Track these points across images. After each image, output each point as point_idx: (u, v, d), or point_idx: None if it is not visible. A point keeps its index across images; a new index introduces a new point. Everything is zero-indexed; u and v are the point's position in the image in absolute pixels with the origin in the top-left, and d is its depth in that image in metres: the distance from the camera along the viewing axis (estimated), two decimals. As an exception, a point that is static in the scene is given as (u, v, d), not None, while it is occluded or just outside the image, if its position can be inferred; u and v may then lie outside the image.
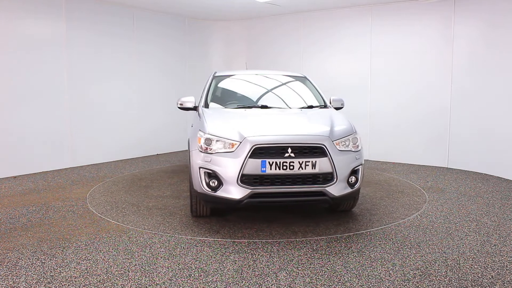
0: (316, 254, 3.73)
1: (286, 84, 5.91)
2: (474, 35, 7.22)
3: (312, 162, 4.09)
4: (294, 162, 4.07)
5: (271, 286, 3.14)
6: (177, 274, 3.32)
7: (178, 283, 3.17)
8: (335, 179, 4.18)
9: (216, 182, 4.18)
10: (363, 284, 3.16)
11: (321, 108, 5.38)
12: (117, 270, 3.39)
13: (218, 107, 5.33)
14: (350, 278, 3.25)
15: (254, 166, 4.05)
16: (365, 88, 8.50)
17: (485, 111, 7.07)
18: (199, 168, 4.26)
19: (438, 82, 7.69)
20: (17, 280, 3.23)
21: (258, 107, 5.25)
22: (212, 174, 4.19)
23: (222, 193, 4.15)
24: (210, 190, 4.21)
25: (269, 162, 4.05)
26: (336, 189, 4.20)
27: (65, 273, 3.34)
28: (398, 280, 3.22)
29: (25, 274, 3.32)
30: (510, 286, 3.14)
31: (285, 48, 9.51)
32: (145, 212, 4.99)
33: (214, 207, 4.73)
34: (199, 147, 4.31)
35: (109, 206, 5.24)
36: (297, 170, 4.08)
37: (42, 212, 4.98)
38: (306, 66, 9.14)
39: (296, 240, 4.07)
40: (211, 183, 4.20)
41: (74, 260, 3.58)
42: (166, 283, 3.16)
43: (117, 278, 3.24)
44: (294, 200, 4.25)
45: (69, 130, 7.63)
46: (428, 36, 7.75)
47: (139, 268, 3.43)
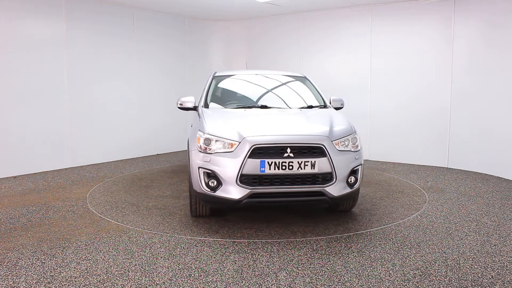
0: (316, 254, 3.73)
1: (286, 84, 5.91)
2: (474, 35, 7.22)
3: (311, 162, 4.09)
4: (293, 162, 4.06)
5: (271, 286, 3.14)
6: (177, 274, 3.32)
7: (178, 283, 3.17)
8: (334, 179, 4.18)
9: (215, 182, 4.18)
10: (363, 284, 3.16)
11: (320, 108, 5.38)
12: (117, 270, 3.39)
13: (218, 107, 5.33)
14: (350, 278, 3.25)
15: (253, 166, 4.04)
16: (365, 88, 8.50)
17: (485, 111, 7.07)
18: (198, 168, 4.26)
19: (438, 82, 7.69)
20: (17, 280, 3.23)
21: (257, 107, 5.25)
22: (211, 174, 4.19)
23: (221, 193, 4.15)
24: (209, 190, 4.21)
25: (268, 162, 4.04)
26: (335, 189, 4.20)
27: (65, 273, 3.34)
28: (398, 280, 3.22)
29: (25, 274, 3.32)
30: (510, 286, 3.14)
31: (285, 48, 9.51)
32: (144, 212, 4.99)
33: (214, 207, 4.73)
34: (198, 147, 4.31)
35: (109, 206, 5.24)
36: (296, 170, 4.08)
37: (42, 212, 4.98)
38: (306, 66, 9.13)
39: (296, 240, 4.07)
40: (210, 183, 4.20)
41: (74, 260, 3.58)
42: (166, 283, 3.17)
43: (117, 278, 3.24)
44: (293, 200, 4.25)
45: (69, 130, 7.63)
46: (428, 36, 7.75)
47: (139, 268, 3.43)
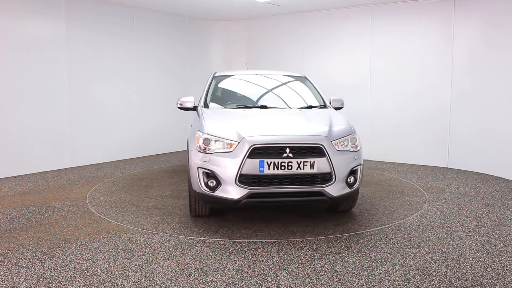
0: (316, 254, 3.73)
1: (285, 84, 5.90)
2: (474, 35, 7.22)
3: (310, 162, 4.09)
4: (292, 162, 4.06)
5: (271, 286, 3.14)
6: (177, 274, 3.32)
7: (178, 283, 3.17)
8: (334, 179, 4.18)
9: (214, 182, 4.18)
10: (363, 284, 3.16)
11: (320, 108, 5.38)
12: (117, 270, 3.39)
13: (218, 107, 5.33)
14: (350, 278, 3.25)
15: (252, 166, 4.04)
16: (365, 88, 8.50)
17: (485, 111, 7.07)
18: (198, 168, 4.26)
19: (438, 82, 7.69)
20: (17, 280, 3.23)
21: (257, 107, 5.25)
22: (210, 174, 4.19)
23: (220, 193, 4.15)
24: (209, 190, 4.21)
25: (267, 162, 4.04)
26: (334, 189, 4.19)
27: (65, 273, 3.34)
28: (398, 280, 3.22)
29: (25, 274, 3.32)
30: (510, 286, 3.14)
31: (285, 48, 9.51)
32: (144, 212, 4.99)
33: (213, 207, 4.73)
34: (198, 147, 4.31)
35: (109, 206, 5.24)
36: (295, 170, 4.07)
37: (42, 212, 4.98)
38: (306, 66, 9.13)
39: (296, 240, 4.07)
40: (210, 183, 4.20)
41: (74, 260, 3.58)
42: (166, 283, 3.17)
43: (117, 278, 3.24)
44: (292, 200, 4.24)
45: (69, 130, 7.63)
46: (428, 36, 7.75)
47: (139, 268, 3.43)
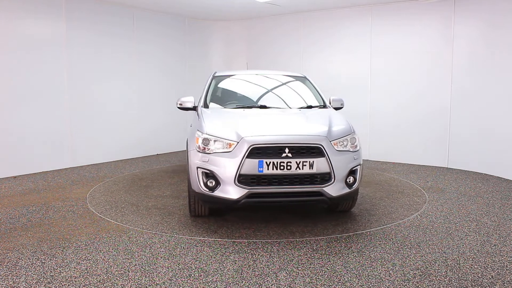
0: (316, 254, 3.73)
1: (285, 84, 5.90)
2: (474, 35, 7.21)
3: (309, 162, 4.09)
4: (291, 162, 4.06)
5: (271, 286, 3.14)
6: (177, 274, 3.32)
7: (178, 283, 3.17)
8: (333, 179, 4.18)
9: (213, 182, 4.18)
10: (363, 284, 3.16)
11: (320, 108, 5.38)
12: (117, 270, 3.39)
13: (217, 107, 5.33)
14: (350, 278, 3.25)
15: (252, 166, 4.04)
16: (365, 88, 8.50)
17: (485, 111, 7.07)
18: (197, 168, 4.26)
19: (438, 82, 7.69)
20: (17, 280, 3.23)
21: (257, 107, 5.25)
22: (209, 174, 4.19)
23: (219, 193, 4.15)
24: (208, 190, 4.21)
25: (266, 162, 4.04)
26: (333, 189, 4.19)
27: (65, 273, 3.34)
28: (398, 280, 3.22)
29: (25, 274, 3.32)
30: (510, 286, 3.14)
31: (285, 48, 9.51)
32: (144, 212, 4.99)
33: (212, 207, 4.73)
34: (197, 147, 4.31)
35: (109, 206, 5.24)
36: (294, 170, 4.07)
37: (42, 212, 4.98)
38: (306, 66, 9.13)
39: (295, 240, 4.07)
40: (209, 183, 4.20)
41: (74, 260, 3.58)
42: (166, 283, 3.17)
43: (117, 278, 3.24)
44: (291, 200, 4.24)
45: (69, 130, 7.63)
46: (428, 36, 7.75)
47: (139, 268, 3.43)
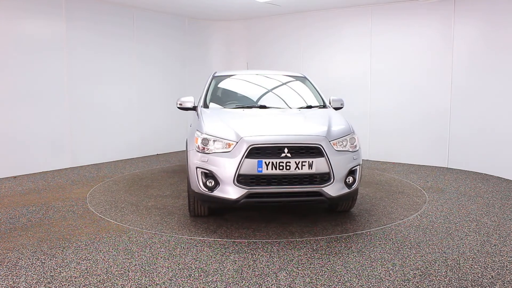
0: (316, 254, 3.73)
1: (285, 84, 5.90)
2: (474, 35, 7.22)
3: (308, 162, 4.09)
4: (290, 162, 4.06)
5: (271, 286, 3.14)
6: (177, 274, 3.32)
7: (178, 283, 3.17)
8: (332, 179, 4.18)
9: (213, 182, 4.18)
10: (363, 284, 3.16)
11: (320, 108, 5.38)
12: (117, 270, 3.39)
13: (217, 107, 5.33)
14: (350, 278, 3.25)
15: (251, 166, 4.04)
16: (365, 88, 8.50)
17: (485, 111, 7.07)
18: (196, 168, 4.26)
19: (438, 82, 7.69)
20: (17, 280, 3.23)
21: (256, 107, 5.25)
22: (209, 174, 4.19)
23: (218, 193, 4.15)
24: (207, 190, 4.21)
25: (265, 162, 4.04)
26: (333, 189, 4.19)
27: (65, 273, 3.34)
28: (398, 280, 3.22)
29: (25, 274, 3.32)
30: (510, 286, 3.14)
31: (285, 48, 9.51)
32: (144, 211, 4.99)
33: (212, 207, 4.73)
34: (196, 147, 4.31)
35: (109, 206, 5.24)
36: (293, 170, 4.07)
37: (42, 212, 4.98)
38: (306, 66, 9.13)
39: (295, 240, 4.07)
40: (208, 183, 4.20)
41: (74, 260, 3.58)
42: (166, 283, 3.17)
43: (117, 278, 3.24)
44: (291, 200, 4.25)
45: (69, 130, 7.63)
46: (428, 36, 7.75)
47: (139, 268, 3.43)
